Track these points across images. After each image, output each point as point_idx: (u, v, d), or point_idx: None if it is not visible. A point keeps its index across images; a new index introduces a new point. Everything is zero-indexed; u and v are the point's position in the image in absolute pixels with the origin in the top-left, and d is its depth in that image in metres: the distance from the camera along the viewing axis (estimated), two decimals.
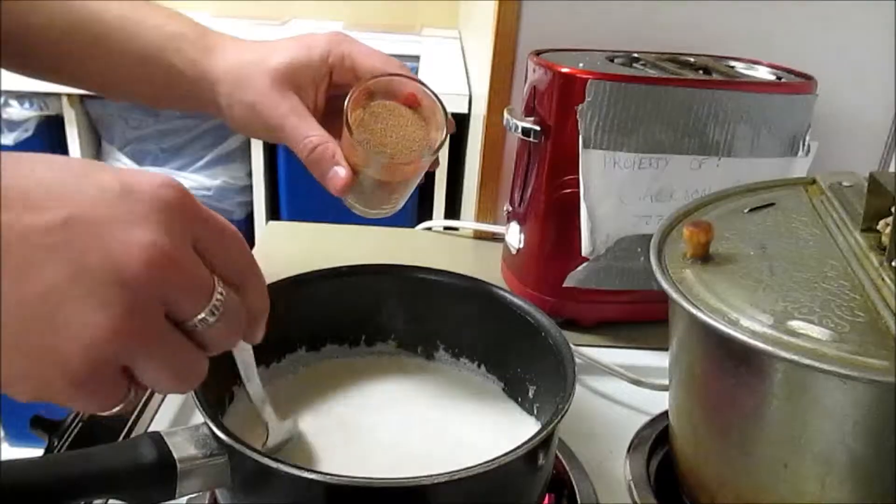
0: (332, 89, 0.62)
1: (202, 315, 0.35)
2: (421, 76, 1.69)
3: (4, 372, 0.32)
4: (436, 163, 0.60)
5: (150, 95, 0.66)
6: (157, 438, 0.42)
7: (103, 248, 0.32)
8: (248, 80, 0.59)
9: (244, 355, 0.46)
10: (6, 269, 0.31)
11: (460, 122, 1.57)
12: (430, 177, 1.69)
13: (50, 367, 0.32)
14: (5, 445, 1.87)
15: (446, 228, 1.06)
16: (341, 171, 0.59)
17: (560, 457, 0.58)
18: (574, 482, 0.57)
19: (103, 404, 0.35)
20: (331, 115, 0.61)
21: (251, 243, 2.11)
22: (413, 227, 1.07)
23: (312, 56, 0.60)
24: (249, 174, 1.87)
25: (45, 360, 0.32)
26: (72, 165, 0.34)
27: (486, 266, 0.89)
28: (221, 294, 0.35)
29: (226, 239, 0.37)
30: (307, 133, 0.59)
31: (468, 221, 1.03)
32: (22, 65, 0.65)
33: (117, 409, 0.35)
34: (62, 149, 1.81)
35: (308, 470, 0.41)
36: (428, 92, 0.58)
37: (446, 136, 0.58)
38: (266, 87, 0.59)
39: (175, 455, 0.42)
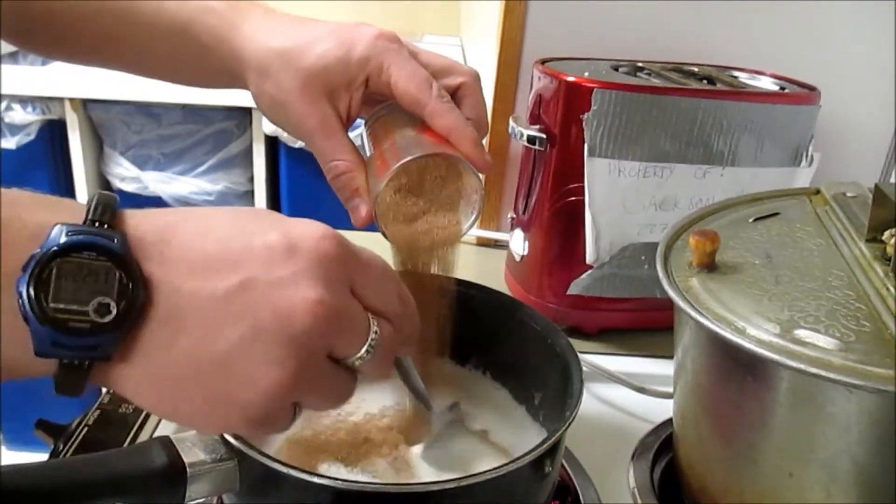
0: (368, 94, 0.55)
1: (360, 354, 0.39)
2: None
3: (194, 416, 0.37)
4: None
5: (184, 74, 0.63)
6: (167, 443, 0.42)
7: (276, 309, 0.35)
8: (277, 76, 0.54)
9: (404, 366, 0.50)
10: (192, 331, 0.34)
11: None
12: None
13: (234, 411, 0.36)
14: (4, 450, 1.86)
15: None
16: (363, 209, 0.54)
17: (564, 463, 0.58)
18: (578, 489, 0.57)
19: (274, 431, 0.40)
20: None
21: None
22: None
23: (350, 58, 0.53)
24: (251, 179, 1.87)
25: (229, 409, 0.36)
26: (242, 224, 0.37)
27: (489, 273, 0.90)
28: (376, 333, 0.39)
29: (378, 277, 0.40)
30: (334, 156, 0.54)
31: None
32: (63, 51, 0.64)
33: (286, 430, 0.40)
34: (64, 153, 1.81)
35: (316, 475, 0.42)
36: (465, 170, 0.52)
37: (477, 216, 0.54)
38: (296, 90, 0.53)
39: (185, 459, 0.42)
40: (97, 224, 0.34)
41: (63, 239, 0.33)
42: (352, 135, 0.55)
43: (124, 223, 0.35)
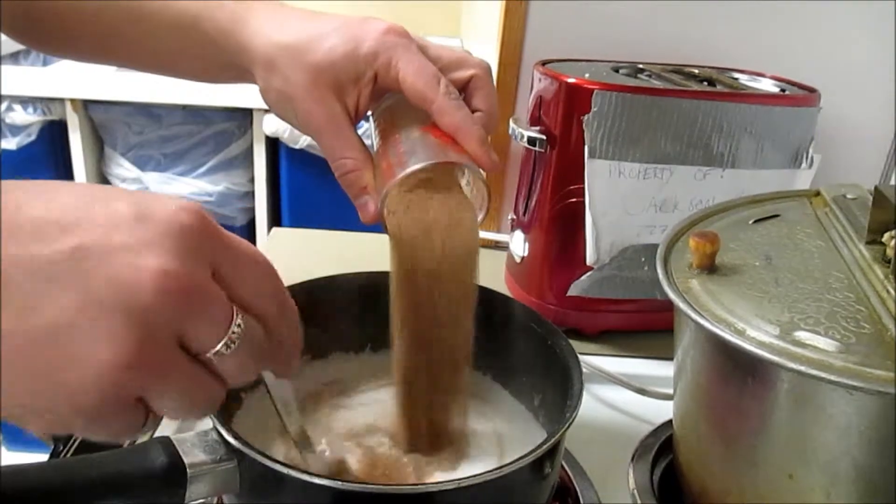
0: (377, 89, 0.54)
1: (217, 347, 0.33)
2: None
3: (16, 408, 0.31)
4: None
5: (191, 69, 0.61)
6: (167, 444, 0.43)
7: (111, 276, 0.31)
8: (285, 71, 0.53)
9: (280, 390, 0.45)
10: (9, 303, 0.30)
11: None
12: None
13: (62, 401, 0.31)
14: (4, 450, 1.86)
15: None
16: (370, 206, 0.52)
17: (564, 465, 0.58)
18: (578, 490, 0.57)
19: (119, 434, 0.34)
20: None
21: None
22: None
23: (359, 54, 0.52)
24: (251, 180, 1.88)
25: (56, 395, 0.31)
26: (92, 193, 0.33)
27: (489, 274, 0.89)
28: (240, 325, 0.34)
29: (249, 265, 0.35)
30: (342, 154, 0.53)
31: None
32: (69, 48, 0.63)
33: (135, 436, 0.35)
34: (65, 154, 1.81)
35: (317, 476, 0.42)
36: (471, 174, 0.53)
37: (482, 219, 0.54)
38: (305, 86, 0.52)
39: (185, 460, 0.42)
40: None
41: None
42: (361, 130, 0.55)
43: None
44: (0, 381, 0.30)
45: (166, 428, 0.62)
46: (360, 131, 0.54)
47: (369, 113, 0.57)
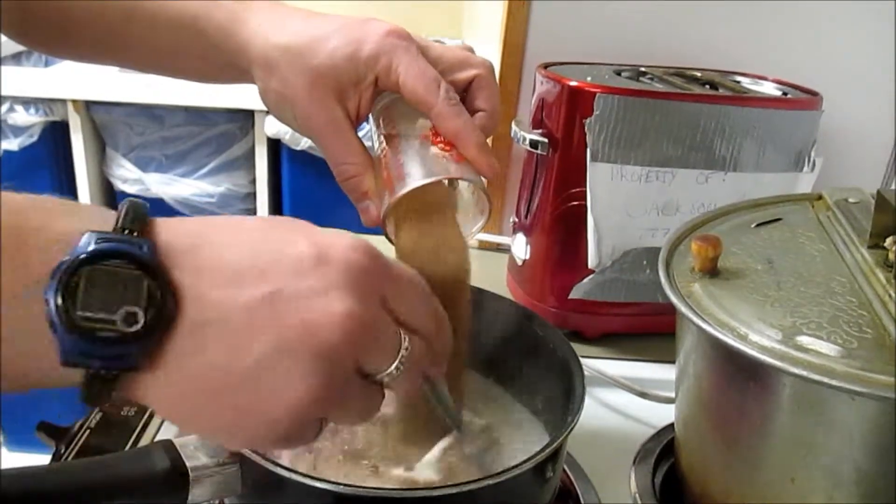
0: (378, 91, 0.54)
1: (389, 370, 0.37)
2: None
3: (216, 431, 0.36)
4: None
5: (190, 69, 0.61)
6: (170, 447, 0.43)
7: (303, 322, 0.34)
8: (284, 73, 0.52)
9: (435, 385, 0.47)
10: (217, 343, 0.34)
11: None
12: None
13: (260, 426, 0.35)
14: (5, 451, 1.87)
15: None
16: (372, 210, 0.53)
17: (566, 468, 0.58)
18: (580, 493, 0.57)
19: (300, 445, 0.41)
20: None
21: None
22: None
23: (359, 57, 0.51)
24: (253, 181, 1.88)
25: (255, 421, 0.35)
26: (272, 233, 0.37)
27: (490, 277, 0.90)
28: (407, 349, 0.38)
29: (411, 291, 0.39)
30: (343, 159, 0.53)
31: None
32: (69, 48, 0.63)
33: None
34: (67, 154, 1.82)
35: (318, 479, 0.42)
36: (470, 186, 0.53)
37: (486, 221, 0.54)
38: (304, 89, 0.52)
39: (187, 463, 0.42)
40: (126, 231, 0.33)
41: (92, 246, 0.32)
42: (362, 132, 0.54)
43: (154, 231, 0.35)
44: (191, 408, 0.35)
45: (166, 431, 0.62)
46: (361, 133, 0.54)
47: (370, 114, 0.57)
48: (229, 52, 0.55)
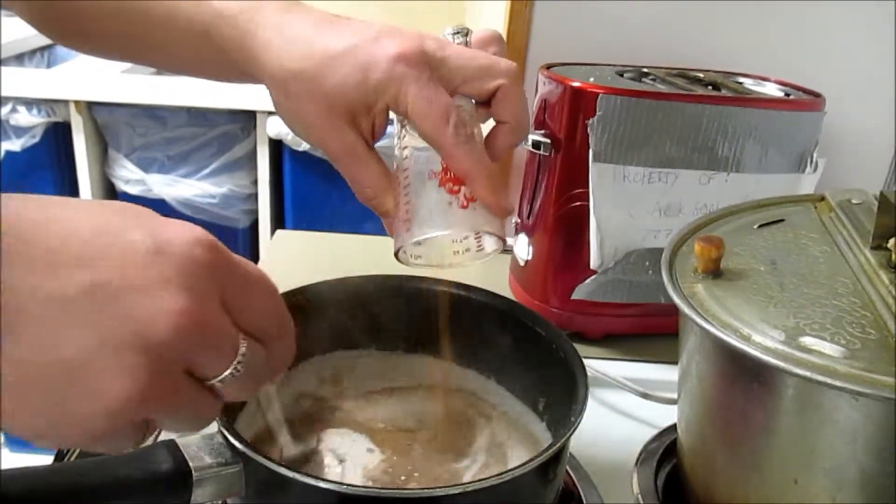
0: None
1: (223, 375, 0.35)
2: None
3: (26, 430, 0.33)
4: None
5: (209, 73, 0.60)
6: (173, 447, 0.43)
7: (129, 317, 0.31)
8: (297, 98, 0.51)
9: (265, 390, 0.47)
10: (28, 336, 0.31)
11: None
12: None
13: (73, 428, 0.32)
14: (5, 451, 1.87)
15: None
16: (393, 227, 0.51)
17: (568, 469, 0.58)
18: (582, 494, 0.57)
19: (119, 449, 0.35)
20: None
21: (256, 251, 2.09)
22: None
23: (368, 85, 0.49)
24: (255, 182, 1.88)
25: (68, 423, 0.32)
26: (107, 219, 0.33)
27: (492, 277, 0.89)
28: (244, 354, 0.35)
29: (254, 292, 0.37)
30: (362, 183, 0.51)
31: None
32: (92, 46, 0.62)
33: (132, 448, 0.36)
34: (69, 155, 1.82)
35: (322, 479, 0.42)
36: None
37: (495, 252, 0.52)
38: (317, 116, 0.50)
39: (190, 464, 0.42)
40: None
41: None
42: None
43: None
44: (1, 406, 0.31)
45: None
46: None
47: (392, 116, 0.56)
48: (243, 63, 0.54)
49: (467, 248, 0.52)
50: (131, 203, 0.35)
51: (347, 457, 0.53)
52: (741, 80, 0.85)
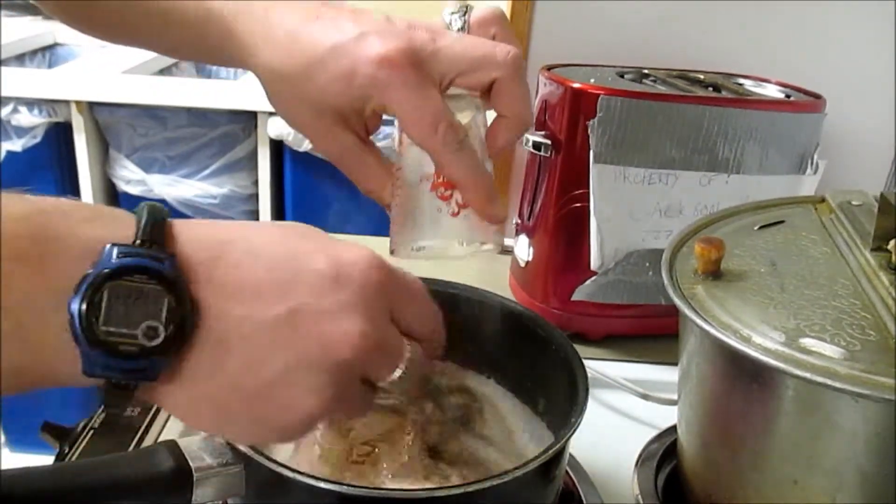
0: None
1: (392, 377, 0.40)
2: None
3: (230, 435, 0.41)
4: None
5: (215, 62, 0.61)
6: (174, 447, 0.43)
7: (321, 341, 0.36)
8: (287, 103, 0.50)
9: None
10: (236, 358, 0.35)
11: None
12: None
13: (270, 431, 0.38)
14: (6, 451, 1.87)
15: None
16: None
17: (568, 469, 0.58)
18: (582, 495, 0.57)
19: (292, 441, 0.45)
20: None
21: None
22: None
23: (352, 92, 0.47)
24: (256, 183, 1.88)
25: (267, 428, 0.38)
26: (291, 245, 0.38)
27: (493, 278, 0.90)
28: (408, 357, 0.40)
29: (416, 301, 0.41)
30: (362, 181, 0.51)
31: None
32: (99, 31, 0.62)
33: None
34: (70, 155, 1.82)
35: (323, 480, 0.42)
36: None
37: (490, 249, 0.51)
38: (310, 121, 0.50)
39: (191, 464, 0.42)
40: (148, 243, 0.34)
41: (115, 260, 0.33)
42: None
43: (174, 240, 0.35)
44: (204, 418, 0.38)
45: (169, 431, 0.62)
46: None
47: None
48: (236, 59, 0.52)
49: (465, 245, 0.52)
50: (300, 224, 0.40)
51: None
52: (741, 81, 0.85)
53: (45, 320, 0.32)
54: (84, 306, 0.32)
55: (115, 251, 0.33)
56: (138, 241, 0.34)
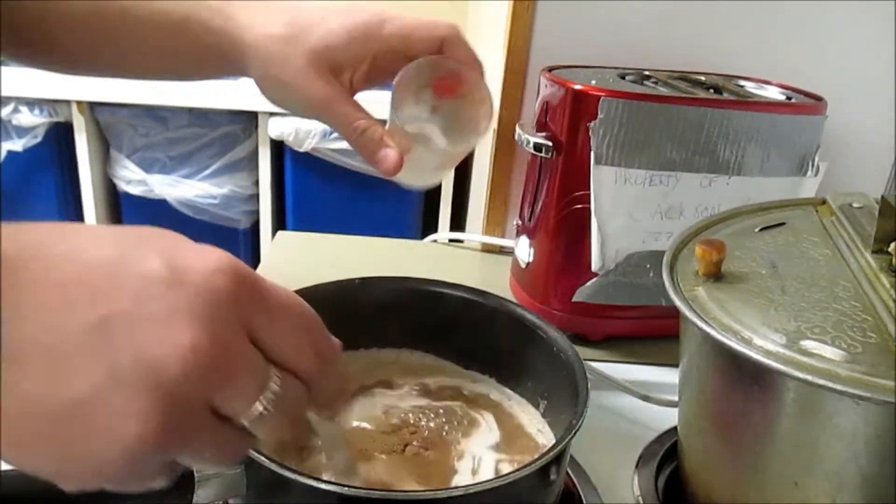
0: (372, 70, 0.59)
1: (250, 413, 0.32)
2: None
3: (42, 469, 0.31)
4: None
5: (183, 70, 0.63)
6: None
7: (139, 352, 0.30)
8: (282, 59, 0.56)
9: (327, 428, 0.45)
10: (34, 369, 0.29)
11: None
12: (436, 189, 1.70)
13: (88, 469, 0.31)
14: None
15: (451, 241, 1.07)
16: (391, 154, 0.57)
17: (569, 471, 0.58)
18: (583, 496, 0.57)
19: (144, 488, 0.33)
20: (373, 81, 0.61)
21: (257, 252, 2.09)
22: (418, 237, 1.08)
23: (352, 41, 0.56)
24: (256, 183, 1.88)
25: (84, 461, 0.30)
26: (121, 246, 0.32)
27: (494, 279, 0.90)
28: (277, 386, 0.33)
29: (287, 319, 0.34)
30: (354, 117, 0.57)
31: (476, 234, 1.03)
32: (56, 56, 0.63)
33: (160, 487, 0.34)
34: (71, 155, 1.82)
35: (323, 481, 0.42)
36: (474, 78, 0.59)
37: (490, 121, 0.60)
38: (303, 70, 0.56)
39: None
40: None
41: None
42: None
43: None
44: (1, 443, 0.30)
45: None
46: None
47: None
48: (223, 49, 0.58)
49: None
50: (158, 228, 0.34)
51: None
52: (742, 83, 0.85)
53: None
54: None
55: None
56: None
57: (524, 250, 0.83)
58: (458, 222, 1.78)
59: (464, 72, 0.59)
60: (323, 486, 0.41)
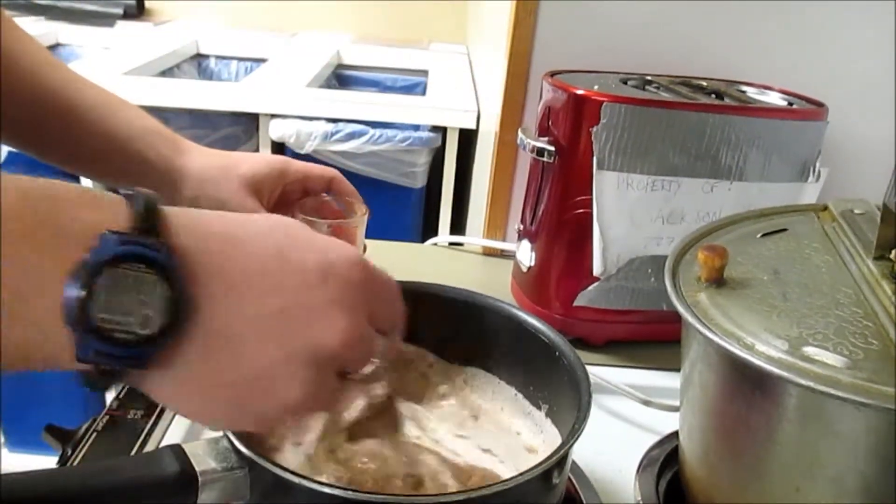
0: (281, 198, 0.72)
1: (364, 369, 0.44)
2: (429, 90, 1.68)
3: (215, 419, 0.40)
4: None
5: (120, 180, 0.71)
6: (179, 451, 0.43)
7: (309, 336, 0.38)
8: (219, 181, 0.69)
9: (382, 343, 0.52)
10: (227, 351, 0.36)
11: (468, 138, 1.58)
12: (436, 192, 1.70)
13: (254, 420, 0.40)
14: (5, 451, 1.87)
15: (451, 244, 1.07)
16: None
17: (570, 475, 0.58)
18: (584, 501, 0.57)
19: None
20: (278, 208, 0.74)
21: None
22: (419, 241, 1.08)
23: (271, 171, 0.70)
24: None
25: (245, 415, 0.39)
26: (280, 241, 0.39)
27: (494, 283, 0.90)
28: (379, 350, 0.43)
29: (388, 300, 0.44)
30: None
31: (477, 238, 1.03)
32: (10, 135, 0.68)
33: None
34: None
35: (327, 485, 0.42)
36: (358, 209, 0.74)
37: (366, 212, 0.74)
38: (235, 189, 0.68)
39: (196, 468, 0.42)
40: (145, 232, 0.35)
41: (113, 248, 0.33)
42: None
43: (169, 229, 0.36)
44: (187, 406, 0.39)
45: (172, 434, 0.62)
46: None
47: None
48: (162, 172, 0.68)
49: None
50: (280, 217, 0.42)
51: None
52: (744, 88, 0.85)
53: (39, 302, 0.32)
54: (81, 292, 0.32)
55: (114, 239, 0.33)
56: (136, 229, 0.34)
57: (526, 254, 0.83)
58: (458, 226, 1.78)
59: (351, 201, 0.74)
60: (326, 489, 0.41)
